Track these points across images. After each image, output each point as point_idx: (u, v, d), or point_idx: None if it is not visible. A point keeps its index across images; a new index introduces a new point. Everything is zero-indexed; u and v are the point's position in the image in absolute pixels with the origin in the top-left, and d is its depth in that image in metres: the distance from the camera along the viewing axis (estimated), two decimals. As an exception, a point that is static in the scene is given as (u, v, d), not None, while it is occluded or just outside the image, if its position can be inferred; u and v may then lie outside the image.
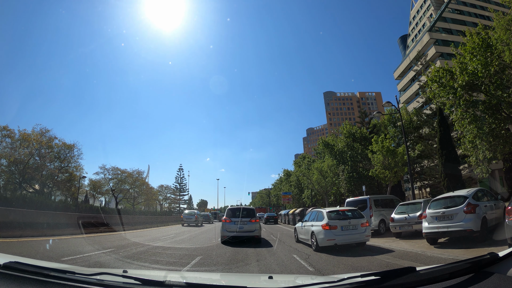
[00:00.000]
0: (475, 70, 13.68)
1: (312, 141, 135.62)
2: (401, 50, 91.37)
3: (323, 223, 9.05)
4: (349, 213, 9.71)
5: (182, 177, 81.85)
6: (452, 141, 24.31)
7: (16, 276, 1.57)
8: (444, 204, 8.52)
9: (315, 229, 9.29)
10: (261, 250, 9.28)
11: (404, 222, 11.02)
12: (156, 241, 12.75)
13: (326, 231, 8.78)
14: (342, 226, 8.94)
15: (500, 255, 1.51)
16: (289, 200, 49.53)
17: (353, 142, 35.64)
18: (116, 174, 38.78)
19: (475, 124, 14.34)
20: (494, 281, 1.38)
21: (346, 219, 9.25)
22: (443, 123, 23.77)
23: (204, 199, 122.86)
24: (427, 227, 8.59)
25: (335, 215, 9.40)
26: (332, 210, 9.99)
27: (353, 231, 8.94)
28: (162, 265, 7.03)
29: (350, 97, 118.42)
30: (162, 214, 48.84)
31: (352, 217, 9.36)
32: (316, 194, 41.01)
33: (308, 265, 6.79)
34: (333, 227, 8.81)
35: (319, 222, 9.30)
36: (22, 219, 13.15)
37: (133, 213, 36.08)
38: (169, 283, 1.59)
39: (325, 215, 9.32)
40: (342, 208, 10.84)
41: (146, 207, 51.80)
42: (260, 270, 6.26)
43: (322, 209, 10.20)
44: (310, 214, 10.90)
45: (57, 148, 33.69)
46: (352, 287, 1.51)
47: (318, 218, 9.71)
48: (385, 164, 18.08)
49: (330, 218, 9.13)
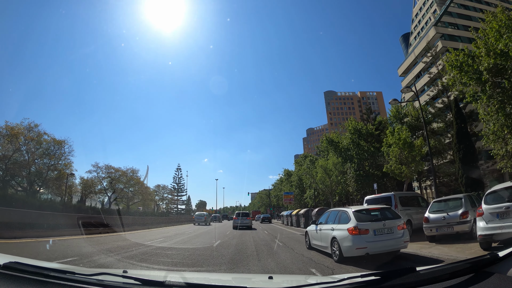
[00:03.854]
0: (505, 48, 12.10)
1: (312, 141, 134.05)
2: (403, 48, 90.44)
3: (349, 226, 7.01)
4: (381, 212, 7.61)
5: (180, 177, 79.97)
6: (470, 135, 22.59)
7: (16, 276, 1.56)
8: (509, 197, 6.48)
9: (338, 234, 7.25)
10: (268, 264, 7.03)
11: (442, 223, 9.03)
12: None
13: (354, 236, 6.77)
14: (375, 229, 6.87)
15: (500, 255, 1.52)
16: (291, 200, 47.61)
17: (359, 139, 33.94)
18: (110, 173, 36.87)
19: (502, 112, 12.77)
20: (494, 281, 1.37)
21: (379, 220, 7.15)
22: (460, 115, 22.06)
23: (203, 200, 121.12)
24: (485, 228, 6.59)
25: (365, 216, 7.32)
26: (360, 209, 7.83)
27: (389, 236, 6.87)
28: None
29: (351, 96, 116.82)
30: (158, 215, 46.99)
31: (386, 217, 7.25)
32: (320, 194, 39.20)
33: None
34: (364, 231, 6.79)
35: (343, 225, 7.29)
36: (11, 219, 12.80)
37: (128, 213, 34.22)
38: (169, 283, 1.58)
39: (352, 216, 7.24)
40: (372, 207, 8.63)
41: (142, 208, 49.84)
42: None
43: (346, 208, 8.03)
44: (329, 214, 8.78)
45: (46, 143, 31.79)
46: (353, 287, 1.49)
47: (341, 220, 7.64)
48: (401, 159, 16.29)
49: (359, 219, 7.06)
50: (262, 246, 10.68)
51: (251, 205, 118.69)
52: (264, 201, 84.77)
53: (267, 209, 75.26)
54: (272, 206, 69.07)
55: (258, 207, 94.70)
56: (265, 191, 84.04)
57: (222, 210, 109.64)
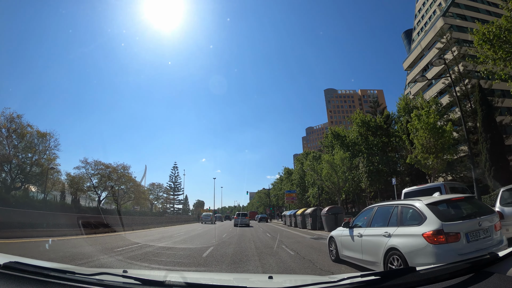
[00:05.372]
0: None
1: (312, 140, 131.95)
2: (405, 45, 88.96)
3: (425, 229, 4.19)
4: (469, 204, 4.92)
5: (176, 175, 77.42)
6: (497, 123, 20.39)
7: (16, 276, 1.54)
8: None
9: (402, 242, 4.44)
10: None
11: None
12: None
13: (438, 247, 3.99)
14: (468, 232, 4.13)
15: (500, 255, 1.52)
16: (293, 199, 45.13)
17: (367, 132, 31.72)
18: (100, 169, 34.29)
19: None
20: (494, 281, 1.36)
21: (471, 217, 4.39)
22: (484, 101, 19.85)
23: (201, 200, 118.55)
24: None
25: (450, 211, 4.55)
26: (438, 200, 4.78)
27: (486, 242, 4.20)
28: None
29: (351, 94, 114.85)
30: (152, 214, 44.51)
31: (479, 212, 4.51)
32: (323, 192, 36.88)
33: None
34: (453, 238, 4.03)
35: (411, 228, 4.51)
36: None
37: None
38: (169, 283, 1.55)
39: (428, 212, 4.35)
40: (452, 196, 5.18)
41: (135, 207, 47.25)
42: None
43: (411, 201, 4.95)
44: (374, 212, 5.76)
45: (30, 136, 29.24)
46: (352, 287, 1.46)
47: (403, 219, 4.80)
48: (429, 147, 14.03)
49: (442, 217, 4.23)
50: (267, 256, 7.90)
51: (250, 204, 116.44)
52: (263, 201, 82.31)
53: (266, 209, 72.94)
54: (272, 205, 66.67)
55: (257, 207, 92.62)
56: (264, 190, 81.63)
57: (220, 210, 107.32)
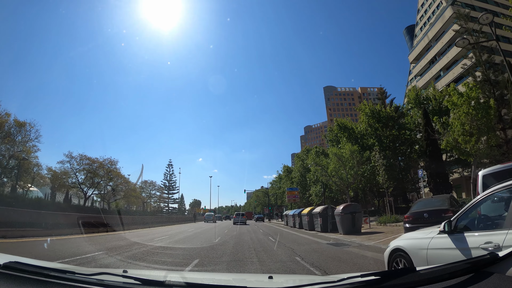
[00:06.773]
0: None
1: (311, 139, 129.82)
2: (407, 41, 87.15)
3: None
4: None
5: (171, 173, 74.53)
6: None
7: (16, 276, 1.51)
8: None
9: None
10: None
11: None
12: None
13: None
14: None
15: (500, 255, 1.51)
16: (296, 197, 42.39)
17: (378, 123, 29.26)
18: (86, 164, 31.40)
19: None
20: (494, 281, 1.36)
21: None
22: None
23: (198, 199, 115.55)
24: None
25: None
26: None
27: None
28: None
29: (351, 92, 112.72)
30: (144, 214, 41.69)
31: None
32: (327, 190, 34.31)
33: None
34: None
35: None
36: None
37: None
38: (169, 283, 1.52)
39: None
40: None
41: (126, 206, 44.30)
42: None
43: None
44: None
45: (8, 126, 26.33)
46: (352, 287, 1.44)
47: None
48: (472, 128, 11.52)
49: None
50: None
51: (247, 204, 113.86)
52: (261, 200, 79.58)
53: (264, 208, 70.28)
54: (271, 205, 63.98)
55: (255, 207, 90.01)
56: (262, 189, 78.93)
57: (217, 210, 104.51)
